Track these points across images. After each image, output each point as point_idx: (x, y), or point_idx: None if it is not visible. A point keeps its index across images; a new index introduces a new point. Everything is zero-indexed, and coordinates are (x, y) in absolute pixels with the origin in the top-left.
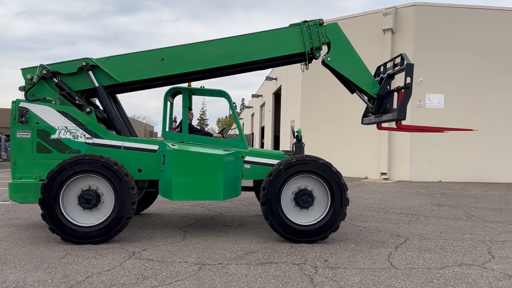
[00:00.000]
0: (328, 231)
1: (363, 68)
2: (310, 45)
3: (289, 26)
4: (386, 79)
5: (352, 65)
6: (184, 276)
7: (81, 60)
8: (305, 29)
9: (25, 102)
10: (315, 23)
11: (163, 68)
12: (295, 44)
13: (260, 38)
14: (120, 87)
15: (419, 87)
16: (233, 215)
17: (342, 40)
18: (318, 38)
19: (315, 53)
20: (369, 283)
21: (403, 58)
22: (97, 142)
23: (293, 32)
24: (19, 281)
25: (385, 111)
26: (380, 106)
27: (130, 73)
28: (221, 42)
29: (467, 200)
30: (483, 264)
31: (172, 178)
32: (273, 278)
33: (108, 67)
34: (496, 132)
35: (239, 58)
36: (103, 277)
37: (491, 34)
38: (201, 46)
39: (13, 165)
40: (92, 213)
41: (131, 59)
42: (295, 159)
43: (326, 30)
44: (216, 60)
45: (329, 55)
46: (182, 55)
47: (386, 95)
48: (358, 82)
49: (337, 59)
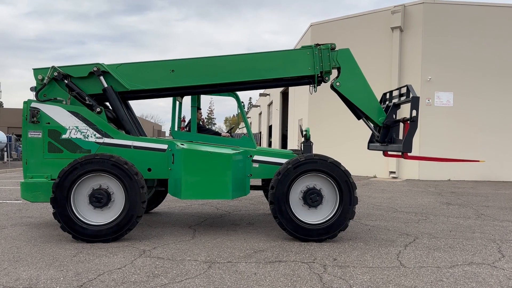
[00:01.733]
0: (337, 230)
1: (371, 96)
2: (320, 68)
3: (301, 48)
4: (392, 108)
5: (360, 92)
6: (194, 274)
7: (92, 65)
8: (316, 52)
9: (37, 103)
10: (327, 47)
11: (172, 80)
12: (306, 66)
13: (271, 58)
14: (128, 95)
15: (428, 85)
16: (241, 214)
17: (352, 66)
18: (329, 62)
19: (325, 77)
20: (378, 282)
21: (408, 90)
22: (107, 142)
23: (304, 55)
24: (32, 279)
25: (391, 140)
26: (386, 135)
27: (140, 81)
28: (232, 59)
29: (476, 198)
30: (493, 263)
31: (181, 177)
32: (282, 276)
33: (118, 74)
34: (506, 130)
35: (249, 75)
36: (114, 275)
37: (500, 32)
38: (212, 61)
39: (25, 165)
40: (103, 211)
41: (142, 68)
42: (304, 158)
43: (338, 55)
44: (226, 76)
45: (338, 80)
46: (193, 68)
47: (392, 124)
48: (365, 110)
49: (346, 85)
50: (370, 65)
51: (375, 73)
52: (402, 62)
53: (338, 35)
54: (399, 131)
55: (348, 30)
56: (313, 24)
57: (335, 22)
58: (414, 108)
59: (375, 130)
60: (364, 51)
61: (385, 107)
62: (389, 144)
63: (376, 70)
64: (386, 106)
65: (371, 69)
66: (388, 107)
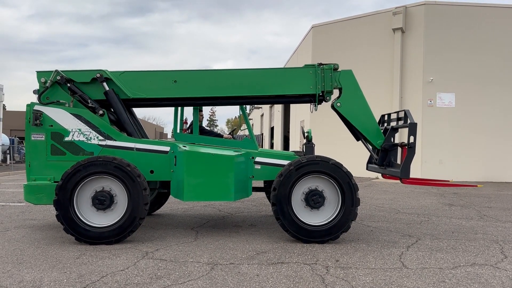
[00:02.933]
0: (339, 231)
1: (371, 119)
2: (322, 88)
3: (304, 66)
4: (390, 131)
5: (360, 114)
6: (196, 276)
7: (96, 71)
8: (319, 72)
9: (39, 105)
10: (330, 68)
11: (174, 90)
12: (308, 85)
13: (274, 74)
14: (129, 102)
15: (430, 86)
16: (244, 216)
17: (354, 88)
18: (331, 82)
19: (326, 96)
20: (381, 283)
21: (406, 116)
22: (110, 144)
23: (307, 73)
24: (36, 281)
25: (389, 164)
26: (384, 158)
27: (142, 90)
28: (235, 73)
29: (479, 199)
30: (495, 264)
31: (183, 179)
32: (284, 278)
33: (121, 81)
34: (508, 131)
35: (251, 91)
36: (117, 277)
37: (502, 32)
38: (215, 74)
39: (28, 167)
40: (106, 214)
41: (145, 77)
42: (306, 160)
43: (340, 76)
44: (228, 90)
45: (339, 101)
46: (195, 80)
47: (390, 148)
48: (365, 132)
49: (346, 106)
50: (372, 67)
51: (376, 75)
52: (404, 63)
53: (339, 36)
54: (397, 155)
55: (350, 32)
56: (315, 26)
57: (337, 24)
58: (411, 134)
59: (374, 152)
60: (365, 53)
61: (383, 129)
62: (387, 167)
63: (378, 72)
64: (385, 128)
65: (372, 71)
66: (387, 130)
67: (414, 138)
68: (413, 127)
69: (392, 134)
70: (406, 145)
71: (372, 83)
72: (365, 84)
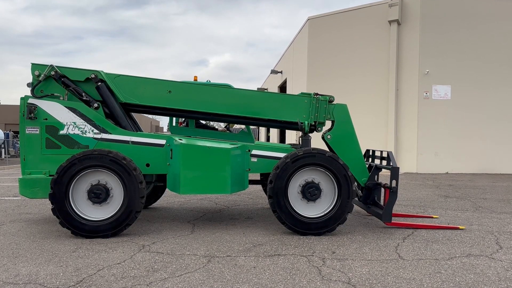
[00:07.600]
0: (336, 223)
1: (358, 155)
2: (315, 118)
3: (300, 94)
4: (374, 170)
5: (349, 150)
6: (193, 268)
7: (91, 71)
8: (314, 102)
9: (34, 99)
10: (325, 99)
11: (168, 100)
12: (301, 113)
13: (268, 99)
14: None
15: (426, 78)
16: (240, 208)
17: (346, 123)
18: (324, 114)
19: (317, 127)
20: (377, 274)
21: (389, 158)
22: (105, 137)
23: (302, 102)
24: (32, 275)
25: (373, 202)
26: (368, 196)
27: (135, 96)
28: (230, 92)
29: (474, 191)
30: (491, 255)
31: (180, 172)
32: (281, 270)
33: (115, 84)
34: (503, 123)
35: (244, 112)
36: (114, 270)
37: (498, 24)
38: (211, 91)
39: (23, 161)
40: (102, 207)
41: (139, 83)
42: (302, 152)
43: (334, 109)
44: (221, 107)
45: (330, 133)
46: (190, 93)
47: (373, 187)
48: (350, 168)
49: (337, 140)
50: (368, 59)
51: (372, 67)
52: (400, 55)
53: (335, 28)
54: (380, 194)
55: (346, 24)
56: (311, 18)
57: (333, 16)
58: (394, 179)
59: (358, 188)
60: (361, 45)
61: (368, 166)
62: (371, 206)
63: (374, 64)
64: (369, 165)
65: (368, 63)
66: (371, 166)
67: (396, 182)
68: (395, 171)
69: (376, 173)
70: (389, 187)
71: (368, 75)
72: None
